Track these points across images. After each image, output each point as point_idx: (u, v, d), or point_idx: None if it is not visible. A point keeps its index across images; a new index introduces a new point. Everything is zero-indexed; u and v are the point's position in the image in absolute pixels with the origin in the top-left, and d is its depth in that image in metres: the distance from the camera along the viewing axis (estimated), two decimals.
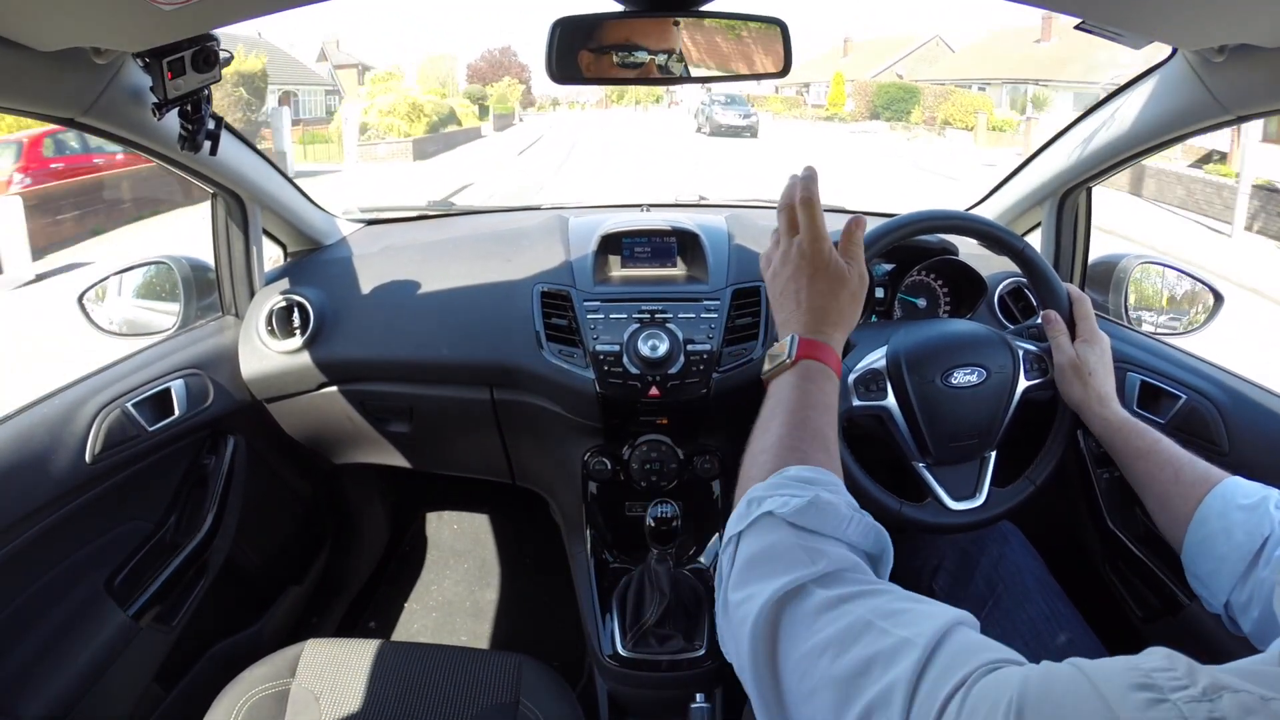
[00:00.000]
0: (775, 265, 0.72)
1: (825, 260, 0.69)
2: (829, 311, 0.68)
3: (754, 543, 0.52)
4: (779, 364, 0.66)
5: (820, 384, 0.64)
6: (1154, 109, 0.92)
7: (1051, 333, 0.87)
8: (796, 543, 0.51)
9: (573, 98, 47.55)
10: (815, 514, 0.52)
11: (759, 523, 0.53)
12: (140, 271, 1.24)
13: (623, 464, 1.15)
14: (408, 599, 1.73)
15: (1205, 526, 0.68)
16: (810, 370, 0.64)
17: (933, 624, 0.42)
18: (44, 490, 0.91)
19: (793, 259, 0.70)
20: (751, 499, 0.55)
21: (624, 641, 1.09)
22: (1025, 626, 0.86)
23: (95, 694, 0.98)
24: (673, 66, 0.84)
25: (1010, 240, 0.89)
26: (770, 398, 0.65)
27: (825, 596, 0.46)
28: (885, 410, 0.85)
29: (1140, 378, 1.04)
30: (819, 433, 0.61)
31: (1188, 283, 1.19)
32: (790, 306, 0.69)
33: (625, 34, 0.82)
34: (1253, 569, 0.63)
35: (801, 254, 0.70)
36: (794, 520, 0.52)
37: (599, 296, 1.12)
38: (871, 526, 0.54)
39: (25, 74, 0.67)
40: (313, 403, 1.24)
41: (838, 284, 0.69)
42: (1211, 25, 0.67)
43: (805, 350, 0.65)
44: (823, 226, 0.71)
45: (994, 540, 0.95)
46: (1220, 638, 0.90)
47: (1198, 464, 0.73)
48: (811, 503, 0.52)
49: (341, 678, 0.93)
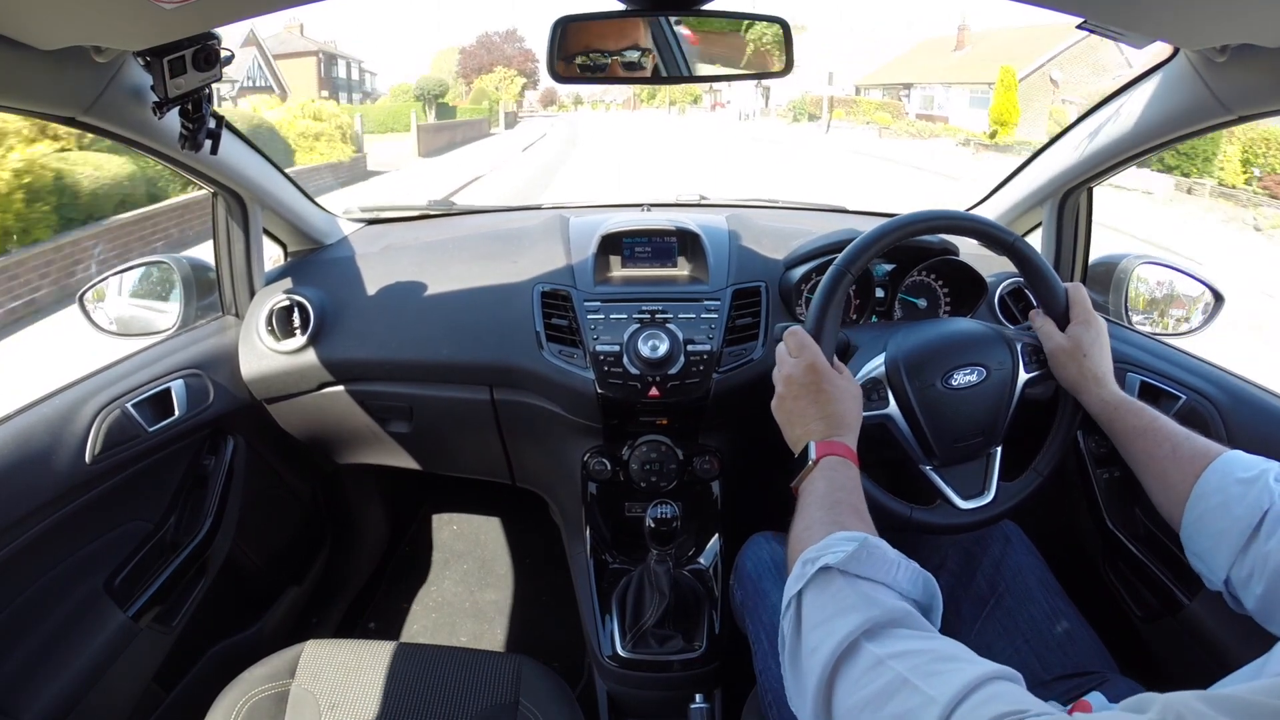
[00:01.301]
0: (780, 393, 0.80)
1: (825, 376, 0.78)
2: (839, 416, 0.75)
3: (813, 598, 0.57)
4: (804, 469, 0.72)
5: (844, 472, 0.70)
6: (1155, 109, 0.92)
7: (1037, 324, 0.88)
8: (852, 590, 0.55)
9: (596, 97, 44.75)
10: (866, 558, 0.57)
11: (816, 579, 0.57)
12: (140, 271, 1.24)
13: (622, 464, 1.15)
14: (408, 599, 1.72)
15: (1203, 502, 0.68)
16: (832, 464, 0.70)
17: (962, 680, 0.45)
18: (44, 490, 0.90)
19: (797, 382, 0.78)
20: (806, 560, 0.59)
21: (623, 642, 1.09)
22: (1027, 626, 0.86)
23: (95, 694, 0.98)
24: (674, 66, 0.84)
25: (1002, 235, 0.89)
26: (802, 497, 0.70)
27: (874, 653, 0.50)
28: (888, 418, 0.85)
29: (1140, 378, 1.04)
30: (854, 508, 0.66)
31: (1188, 282, 1.19)
32: (802, 422, 0.77)
33: (627, 33, 0.82)
34: (1252, 543, 0.63)
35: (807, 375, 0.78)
36: (847, 568, 0.56)
37: (599, 296, 1.12)
38: (920, 574, 0.59)
39: (26, 73, 0.67)
40: (313, 403, 1.24)
41: (843, 394, 0.77)
42: (1213, 25, 0.67)
43: (824, 450, 0.72)
44: (818, 352, 0.79)
45: (996, 540, 0.95)
46: (1220, 638, 0.91)
47: (1196, 440, 0.73)
48: (862, 546, 0.57)
49: (341, 678, 0.93)
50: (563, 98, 42.72)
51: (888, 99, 25.41)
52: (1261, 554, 0.61)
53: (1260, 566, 0.61)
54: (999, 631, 0.87)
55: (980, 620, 0.89)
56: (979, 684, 0.45)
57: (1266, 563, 0.60)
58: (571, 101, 43.34)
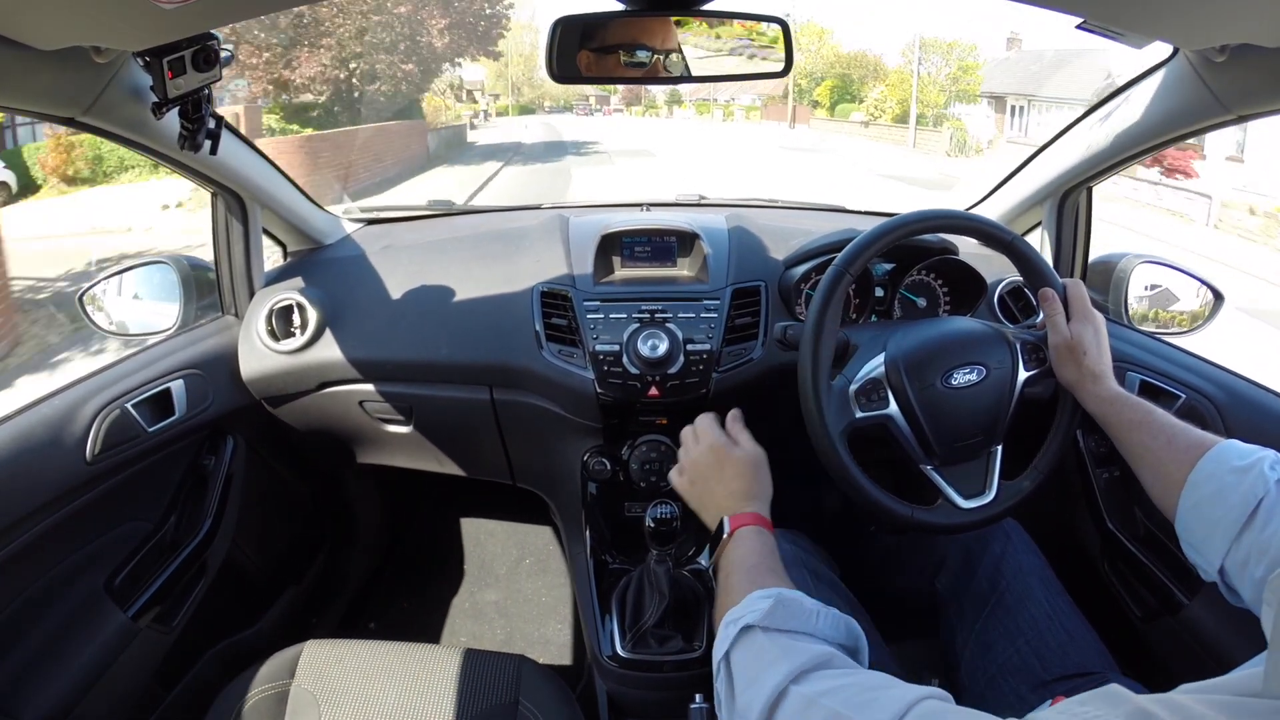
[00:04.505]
0: (688, 476, 0.85)
1: (726, 454, 0.82)
2: (744, 489, 0.79)
3: (740, 657, 0.59)
4: (719, 545, 0.75)
5: (758, 538, 0.73)
6: (1155, 109, 0.92)
7: (1048, 311, 0.86)
8: (774, 644, 0.58)
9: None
10: (783, 611, 0.59)
11: (740, 639, 0.60)
12: (140, 271, 1.23)
13: (622, 464, 1.15)
14: (408, 599, 1.72)
15: (1198, 491, 0.67)
16: (745, 534, 0.74)
17: (895, 705, 0.47)
18: (44, 490, 0.90)
19: (701, 464, 0.83)
20: (728, 622, 0.61)
21: (623, 642, 1.08)
22: (1027, 624, 0.86)
23: (95, 694, 0.98)
24: (674, 66, 0.84)
25: (1000, 234, 0.89)
26: (721, 569, 0.73)
27: (804, 695, 0.52)
28: (888, 418, 0.85)
29: (1140, 377, 1.04)
30: (770, 568, 0.69)
31: (1188, 282, 1.19)
32: (713, 501, 0.80)
33: (626, 33, 0.82)
34: (1246, 531, 0.62)
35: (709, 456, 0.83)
36: (767, 624, 0.59)
37: (599, 296, 1.12)
38: (840, 619, 0.61)
39: (25, 73, 0.67)
40: (313, 403, 1.24)
41: (745, 466, 0.81)
42: (1213, 25, 0.67)
43: (736, 523, 0.75)
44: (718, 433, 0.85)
45: (996, 538, 0.95)
46: (1219, 637, 0.91)
47: (1191, 431, 0.73)
48: (777, 601, 0.60)
49: (341, 678, 0.93)
50: (567, 96, 41.35)
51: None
52: (1259, 541, 0.61)
53: (1258, 553, 0.61)
54: (999, 631, 0.87)
55: (981, 620, 0.89)
56: (912, 705, 0.47)
57: (1267, 549, 0.60)
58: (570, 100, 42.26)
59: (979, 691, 0.87)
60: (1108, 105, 1.03)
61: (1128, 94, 0.97)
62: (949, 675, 0.97)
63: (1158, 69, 0.90)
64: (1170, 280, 1.20)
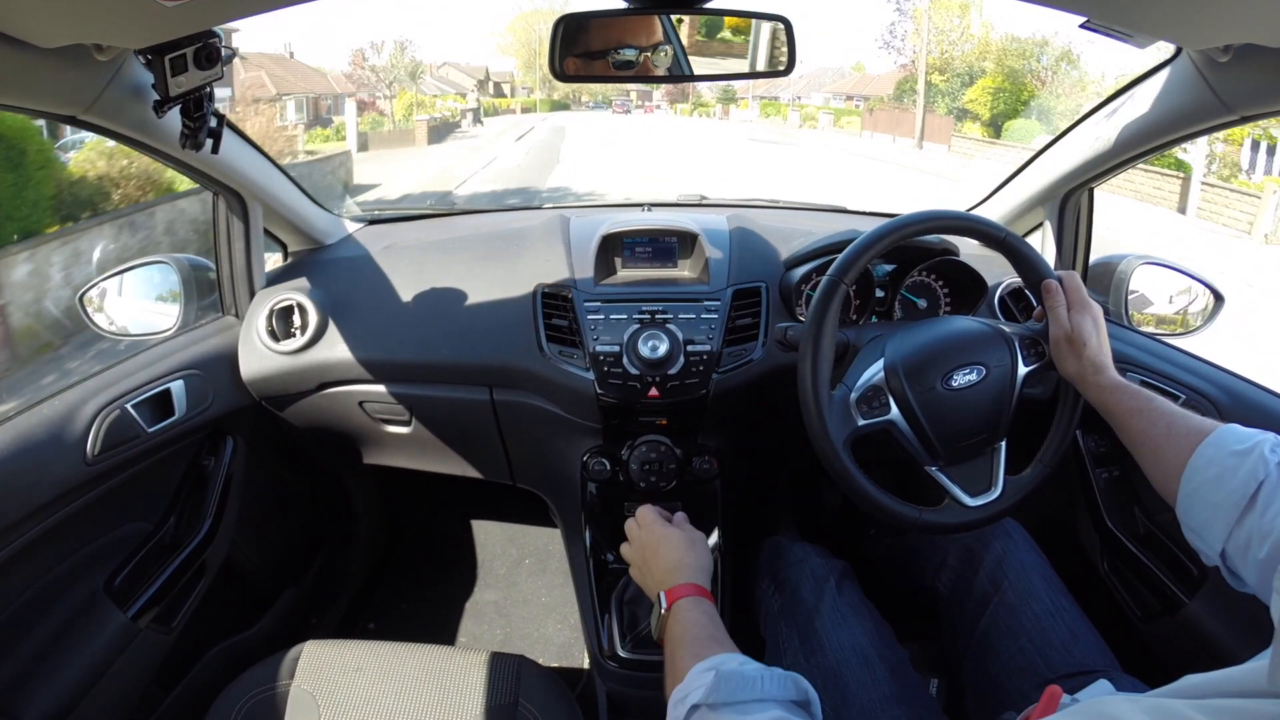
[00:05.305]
0: (633, 561, 0.89)
1: (663, 533, 0.87)
2: (678, 563, 0.82)
3: None
4: (660, 621, 0.77)
5: (695, 608, 0.75)
6: (1158, 109, 0.92)
7: (1051, 303, 0.85)
8: None
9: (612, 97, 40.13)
10: (726, 686, 0.59)
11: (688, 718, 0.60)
12: (140, 271, 1.23)
13: (622, 465, 1.15)
14: (408, 599, 1.72)
15: (1198, 475, 0.67)
16: (682, 605, 0.76)
17: None
18: (44, 491, 0.90)
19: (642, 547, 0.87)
20: (675, 702, 0.62)
21: (623, 642, 1.08)
22: (1029, 623, 0.85)
23: (95, 695, 0.97)
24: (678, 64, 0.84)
25: (993, 231, 0.89)
26: (666, 644, 0.74)
27: None
28: (891, 424, 0.85)
29: (1140, 378, 1.04)
30: (710, 636, 0.70)
31: (1188, 283, 1.19)
32: (654, 579, 0.83)
33: (630, 31, 0.82)
34: (1247, 515, 0.62)
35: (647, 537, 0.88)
36: (712, 701, 0.58)
37: (599, 297, 1.12)
38: (786, 676, 0.61)
39: (26, 71, 0.66)
40: (313, 403, 1.24)
41: (680, 540, 0.86)
42: (1217, 25, 0.67)
43: (671, 596, 0.78)
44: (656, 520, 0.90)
45: (998, 537, 0.95)
46: (1219, 637, 0.91)
47: (1191, 417, 0.73)
48: (717, 676, 0.60)
49: (341, 679, 0.93)
50: (565, 94, 40.18)
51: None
52: (1261, 524, 0.61)
53: (1260, 537, 0.60)
54: (1001, 630, 0.87)
55: (983, 618, 0.89)
56: None
57: (1269, 532, 0.60)
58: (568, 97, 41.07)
59: (981, 691, 0.87)
60: (1110, 105, 1.02)
61: (1130, 94, 0.97)
62: (951, 675, 0.97)
63: (1161, 69, 0.89)
64: (1171, 281, 1.20)
